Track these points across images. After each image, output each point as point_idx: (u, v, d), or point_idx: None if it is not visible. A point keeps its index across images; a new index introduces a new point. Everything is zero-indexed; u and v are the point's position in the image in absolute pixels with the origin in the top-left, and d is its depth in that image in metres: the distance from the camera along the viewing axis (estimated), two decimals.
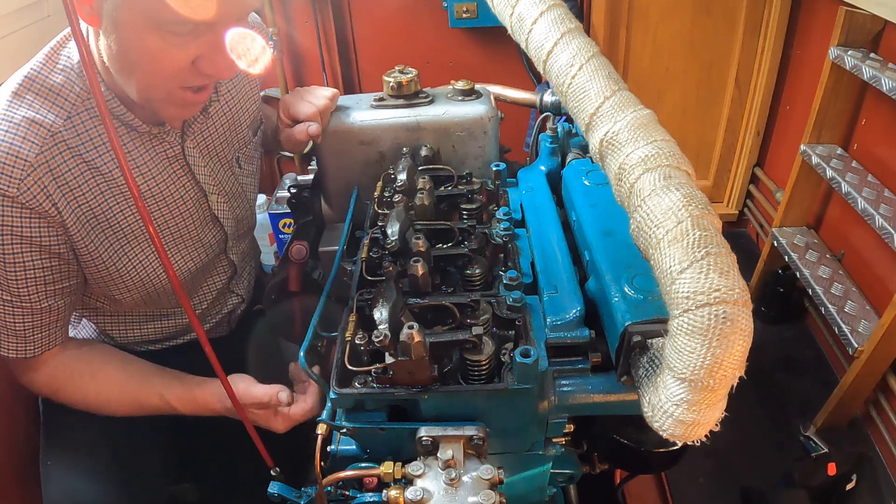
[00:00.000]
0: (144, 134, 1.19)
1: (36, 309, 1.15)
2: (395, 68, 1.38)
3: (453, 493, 0.80)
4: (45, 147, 1.07)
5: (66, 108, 1.10)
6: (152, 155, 1.21)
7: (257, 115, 1.48)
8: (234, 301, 1.56)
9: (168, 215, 1.27)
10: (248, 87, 1.42)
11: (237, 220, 1.43)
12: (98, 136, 1.13)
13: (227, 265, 1.49)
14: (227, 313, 1.56)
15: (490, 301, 0.95)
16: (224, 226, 1.39)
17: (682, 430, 0.74)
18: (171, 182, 1.26)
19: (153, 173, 1.22)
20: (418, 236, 0.98)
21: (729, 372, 0.68)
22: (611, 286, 0.92)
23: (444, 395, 0.84)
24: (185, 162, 1.27)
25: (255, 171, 1.51)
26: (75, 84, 1.11)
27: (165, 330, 1.44)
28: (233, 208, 1.41)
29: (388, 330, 0.80)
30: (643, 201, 0.76)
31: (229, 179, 1.39)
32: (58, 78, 1.10)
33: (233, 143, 1.39)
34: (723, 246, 0.70)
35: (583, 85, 0.87)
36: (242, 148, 1.42)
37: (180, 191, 1.28)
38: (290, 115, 1.35)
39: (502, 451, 0.96)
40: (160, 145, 1.22)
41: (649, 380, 0.80)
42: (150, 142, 1.20)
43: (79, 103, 1.11)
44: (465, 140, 1.34)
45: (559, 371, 0.95)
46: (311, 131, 1.31)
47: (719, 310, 0.66)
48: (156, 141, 1.21)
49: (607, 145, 0.85)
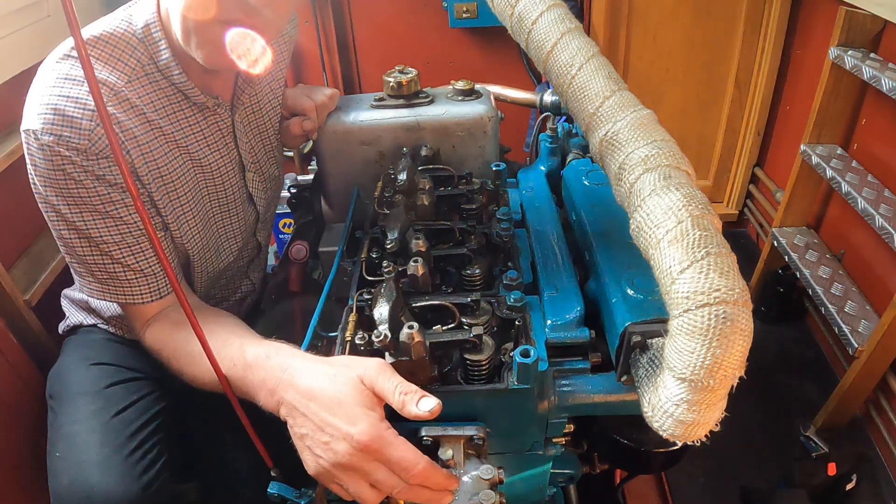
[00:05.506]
0: (200, 104, 1.20)
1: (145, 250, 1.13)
2: (395, 68, 1.38)
3: (454, 492, 0.80)
4: (110, 102, 1.08)
5: (126, 73, 1.10)
6: (208, 124, 1.23)
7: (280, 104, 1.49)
8: (246, 287, 1.56)
9: (216, 187, 1.29)
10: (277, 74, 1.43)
11: (268, 202, 1.45)
12: (157, 99, 1.14)
13: (254, 246, 1.49)
14: (237, 300, 1.55)
15: (490, 301, 0.95)
16: (257, 206, 1.40)
17: (683, 430, 0.74)
18: (221, 154, 1.28)
19: (208, 142, 1.24)
20: (418, 236, 0.98)
21: (729, 372, 0.68)
22: (611, 286, 0.92)
23: (444, 395, 0.84)
24: (234, 136, 1.29)
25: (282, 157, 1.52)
26: (136, 49, 1.12)
27: None
28: (266, 188, 1.42)
29: (388, 330, 0.80)
30: (643, 201, 0.76)
31: (268, 159, 1.41)
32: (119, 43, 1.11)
33: (273, 116, 1.40)
34: (723, 246, 0.70)
35: (583, 85, 0.87)
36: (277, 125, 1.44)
37: (228, 164, 1.30)
38: (288, 107, 1.39)
39: (502, 450, 0.96)
40: (213, 116, 1.24)
41: (649, 380, 0.80)
42: (203, 112, 1.22)
43: (139, 69, 1.12)
44: (465, 140, 1.34)
45: (559, 371, 0.95)
46: (304, 125, 1.33)
47: (719, 310, 0.66)
48: (208, 112, 1.23)
49: (607, 145, 0.85)
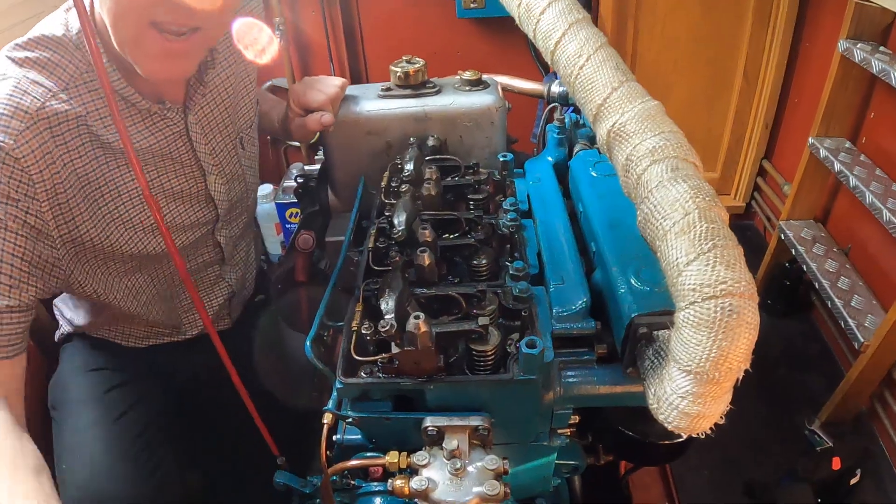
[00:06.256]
0: (144, 111, 1.15)
1: None
2: (402, 58, 1.37)
3: (458, 482, 0.80)
4: (47, 103, 1.02)
5: (63, 79, 1.05)
6: (153, 132, 1.18)
7: (255, 99, 1.45)
8: (224, 291, 1.50)
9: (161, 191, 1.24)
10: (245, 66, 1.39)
11: (231, 203, 1.39)
12: (96, 109, 1.09)
13: (213, 247, 1.43)
14: (220, 305, 1.51)
15: (496, 291, 0.95)
16: (217, 206, 1.35)
17: (687, 423, 0.74)
18: (172, 158, 1.22)
19: (153, 148, 1.18)
20: (425, 226, 0.98)
21: (734, 365, 0.68)
22: (617, 278, 0.92)
23: (450, 386, 0.85)
24: (189, 139, 1.24)
25: (256, 154, 1.48)
26: (74, 56, 1.07)
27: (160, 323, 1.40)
28: (230, 190, 1.37)
29: (394, 320, 0.80)
30: (650, 193, 0.76)
31: (231, 160, 1.35)
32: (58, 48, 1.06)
33: (236, 120, 1.36)
34: (730, 238, 0.70)
35: (590, 76, 0.87)
36: (246, 128, 1.40)
37: (182, 168, 1.25)
38: (301, 104, 1.34)
39: (507, 441, 0.96)
40: (161, 122, 1.19)
41: (655, 372, 0.80)
42: (150, 119, 1.17)
43: (77, 76, 1.07)
44: (473, 130, 1.34)
45: (565, 362, 0.95)
46: (324, 120, 1.30)
47: (725, 302, 0.66)
48: (157, 118, 1.18)
49: (614, 136, 0.84)
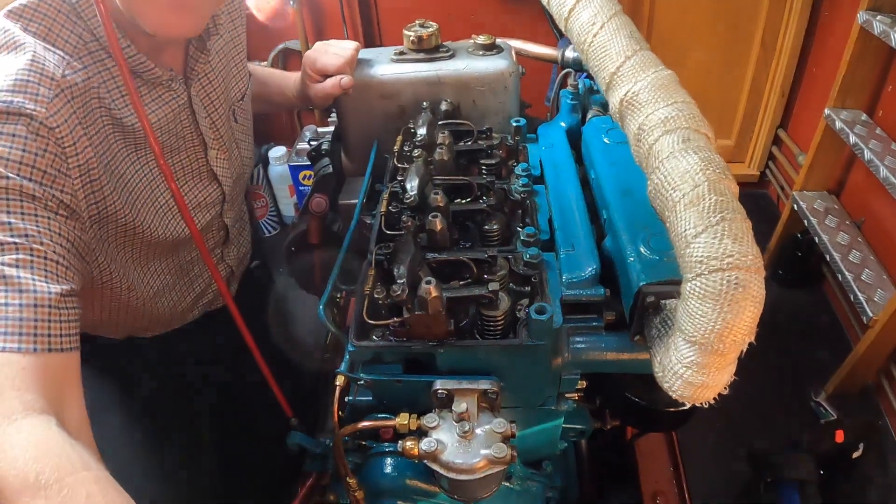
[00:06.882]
0: (150, 82, 1.11)
1: None
2: (415, 22, 1.36)
3: (466, 445, 0.81)
4: (66, 71, 0.94)
5: (67, 52, 0.97)
6: (159, 105, 1.14)
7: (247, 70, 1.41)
8: (224, 272, 1.46)
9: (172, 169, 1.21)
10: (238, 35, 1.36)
11: (234, 179, 1.35)
12: (104, 82, 1.02)
13: (219, 229, 1.40)
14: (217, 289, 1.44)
15: (507, 257, 0.96)
16: (222, 183, 1.31)
17: (691, 392, 0.75)
18: (176, 134, 1.19)
19: (161, 123, 1.15)
20: (437, 191, 0.99)
21: (739, 337, 0.69)
22: (627, 246, 0.92)
23: (460, 350, 0.86)
24: (192, 111, 1.21)
25: (250, 129, 1.44)
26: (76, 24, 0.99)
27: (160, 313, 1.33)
28: (231, 165, 1.33)
29: (406, 285, 0.81)
30: (661, 163, 0.76)
31: (227, 132, 1.31)
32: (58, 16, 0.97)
33: (229, 90, 1.33)
34: (738, 212, 0.70)
35: (604, 44, 0.86)
36: (237, 100, 1.37)
37: (185, 143, 1.22)
38: (318, 69, 1.34)
39: (515, 405, 0.97)
40: (166, 94, 1.15)
41: (661, 340, 0.81)
42: (156, 91, 1.13)
43: (81, 46, 0.99)
44: (486, 95, 1.33)
45: (573, 328, 0.96)
46: (343, 83, 1.30)
47: (731, 276, 0.66)
48: (162, 90, 1.14)
49: (627, 105, 0.84)
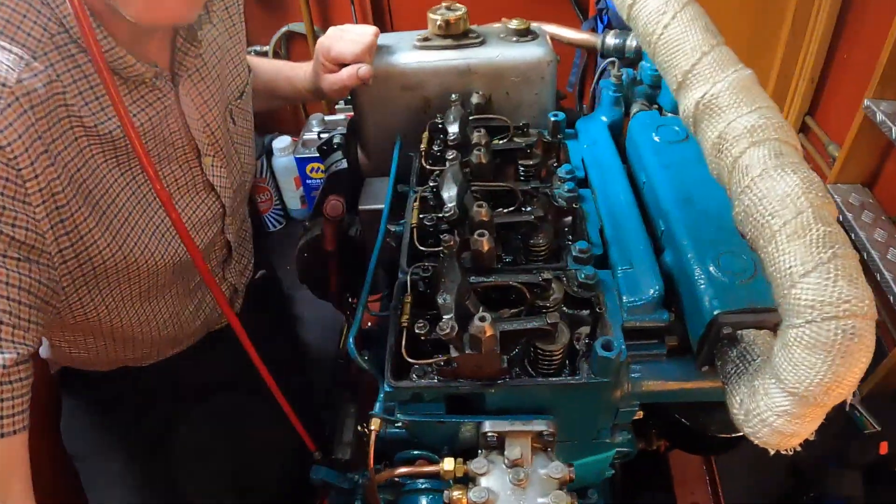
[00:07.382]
0: (131, 81, 0.95)
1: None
2: (441, 4, 1.24)
3: (521, 493, 0.73)
4: (23, 75, 0.79)
5: (29, 46, 0.81)
6: (142, 107, 0.97)
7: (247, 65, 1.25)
8: (227, 292, 1.32)
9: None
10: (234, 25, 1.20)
11: (234, 189, 1.19)
12: (73, 82, 0.86)
13: (221, 247, 1.25)
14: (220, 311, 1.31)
15: (560, 277, 0.85)
16: (221, 195, 1.15)
17: (777, 440, 0.69)
18: (164, 140, 1.02)
19: (144, 129, 0.98)
20: (480, 203, 0.87)
21: (846, 390, 0.61)
22: (693, 264, 0.82)
23: (513, 390, 0.77)
24: (181, 112, 1.04)
25: (250, 131, 1.27)
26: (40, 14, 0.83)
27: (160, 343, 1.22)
28: (230, 174, 1.17)
29: (454, 321, 0.71)
30: (753, 182, 0.66)
31: (224, 136, 1.14)
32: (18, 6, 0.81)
33: (225, 87, 1.16)
34: (848, 245, 0.60)
35: (676, 37, 0.75)
36: (234, 99, 1.20)
37: (175, 151, 1.05)
38: (333, 58, 1.21)
39: (567, 440, 0.88)
40: (150, 94, 0.98)
41: (741, 379, 0.72)
42: (138, 91, 0.96)
43: (45, 40, 0.83)
44: (520, 86, 1.21)
45: (633, 356, 0.86)
46: (361, 73, 1.17)
47: (847, 324, 0.57)
48: (145, 89, 0.97)
49: (704, 109, 0.73)
